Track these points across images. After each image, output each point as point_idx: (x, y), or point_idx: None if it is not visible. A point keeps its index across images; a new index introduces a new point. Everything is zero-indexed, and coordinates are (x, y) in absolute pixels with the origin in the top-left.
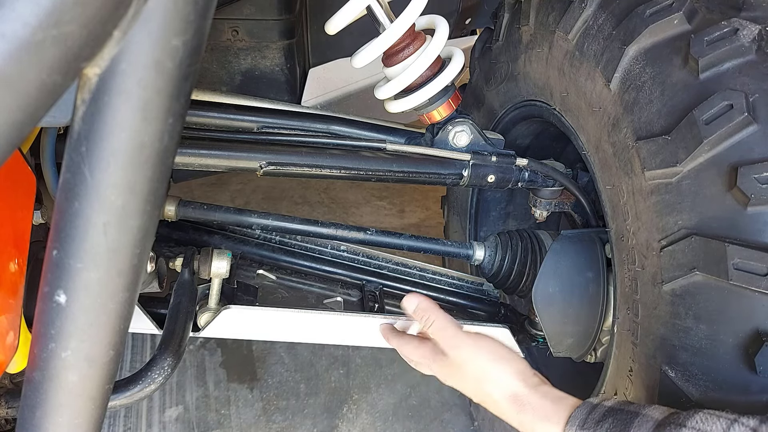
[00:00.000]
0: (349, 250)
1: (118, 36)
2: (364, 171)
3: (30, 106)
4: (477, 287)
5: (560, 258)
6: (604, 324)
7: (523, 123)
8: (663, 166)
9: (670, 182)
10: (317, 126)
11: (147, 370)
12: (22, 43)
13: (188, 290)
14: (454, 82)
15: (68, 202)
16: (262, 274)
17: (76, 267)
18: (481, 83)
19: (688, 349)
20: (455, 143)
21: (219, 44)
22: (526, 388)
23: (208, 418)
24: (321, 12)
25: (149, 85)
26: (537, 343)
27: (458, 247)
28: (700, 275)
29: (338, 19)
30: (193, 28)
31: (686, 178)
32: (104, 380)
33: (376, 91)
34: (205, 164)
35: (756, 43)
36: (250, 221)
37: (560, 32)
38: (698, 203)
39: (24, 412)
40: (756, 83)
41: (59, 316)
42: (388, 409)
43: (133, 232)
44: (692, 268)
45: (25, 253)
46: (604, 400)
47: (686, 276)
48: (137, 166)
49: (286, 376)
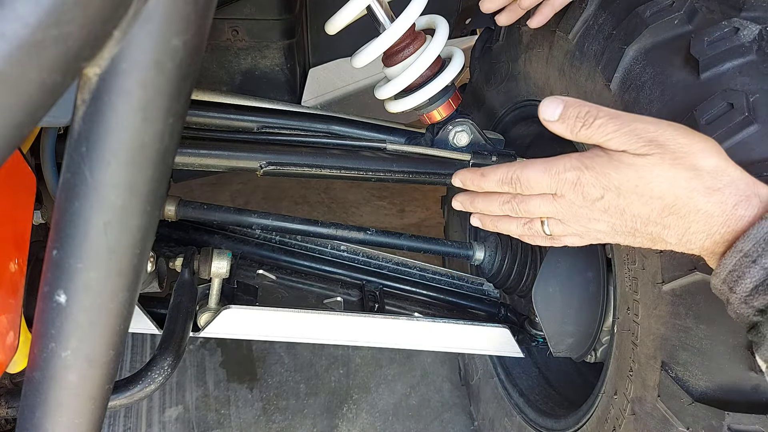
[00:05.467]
0: (349, 250)
1: (118, 36)
2: (364, 171)
3: (30, 106)
4: (477, 287)
5: (560, 258)
6: (604, 324)
7: (524, 123)
8: None
9: None
10: (317, 126)
11: (147, 370)
12: (22, 43)
13: (188, 290)
14: (454, 82)
15: (68, 202)
16: (262, 274)
17: (76, 267)
18: (481, 83)
19: (688, 349)
20: (455, 143)
21: (219, 44)
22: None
23: (208, 418)
24: (321, 12)
25: (149, 85)
26: (537, 343)
27: (458, 247)
28: (700, 275)
29: (338, 19)
30: (193, 28)
31: None
32: (104, 380)
33: (376, 91)
34: (205, 164)
35: (756, 43)
36: (250, 221)
37: (560, 32)
38: None
39: (24, 412)
40: (756, 83)
41: (59, 316)
42: (388, 409)
43: (133, 232)
44: (692, 268)
45: (25, 253)
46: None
47: (686, 276)
48: (137, 166)
49: (286, 376)
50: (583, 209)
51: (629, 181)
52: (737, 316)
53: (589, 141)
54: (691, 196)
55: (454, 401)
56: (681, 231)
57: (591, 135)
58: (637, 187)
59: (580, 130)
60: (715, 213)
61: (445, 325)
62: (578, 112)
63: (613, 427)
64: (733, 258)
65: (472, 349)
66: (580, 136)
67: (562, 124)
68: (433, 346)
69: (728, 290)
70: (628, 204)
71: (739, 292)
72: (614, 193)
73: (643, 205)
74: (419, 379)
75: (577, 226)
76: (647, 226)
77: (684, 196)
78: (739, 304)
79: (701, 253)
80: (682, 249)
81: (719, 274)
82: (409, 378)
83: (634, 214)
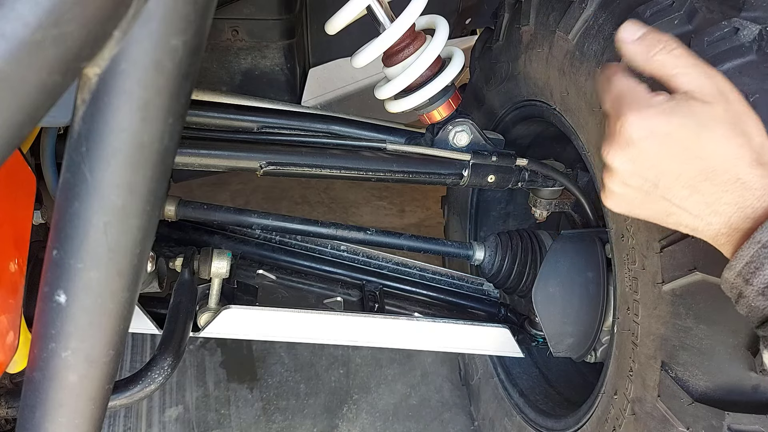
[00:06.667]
0: (349, 250)
1: (118, 36)
2: (364, 171)
3: (30, 106)
4: (477, 287)
5: (560, 258)
6: (604, 324)
7: (524, 123)
8: None
9: None
10: (317, 126)
11: (147, 370)
12: (22, 43)
13: (188, 290)
14: (454, 82)
15: (68, 202)
16: (262, 274)
17: (76, 267)
18: (481, 83)
19: (688, 349)
20: (455, 143)
21: (219, 44)
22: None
23: (208, 418)
24: (321, 12)
25: (149, 85)
26: (537, 343)
27: (458, 247)
28: (700, 275)
29: (338, 19)
30: (193, 28)
31: None
32: (104, 380)
33: (376, 92)
34: (205, 164)
35: (756, 43)
36: (250, 221)
37: (560, 32)
38: None
39: (24, 412)
40: (756, 83)
41: (59, 316)
42: (388, 409)
43: (133, 232)
44: (692, 268)
45: (25, 253)
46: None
47: (686, 276)
48: (137, 166)
49: (286, 376)
50: (616, 142)
51: (687, 130)
52: (750, 310)
53: (659, 71)
54: (736, 164)
55: (454, 401)
56: (712, 198)
57: (667, 62)
58: (690, 140)
59: (658, 53)
60: (755, 185)
61: (445, 325)
62: (660, 37)
63: (613, 427)
64: (751, 249)
65: (472, 349)
66: (654, 61)
67: (641, 44)
68: (433, 346)
69: (743, 282)
70: (666, 156)
71: (756, 284)
72: (658, 140)
73: (682, 162)
74: (419, 379)
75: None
76: (672, 188)
77: (730, 161)
78: (756, 296)
79: (719, 233)
80: (699, 225)
81: (734, 266)
82: (409, 378)
83: (666, 169)
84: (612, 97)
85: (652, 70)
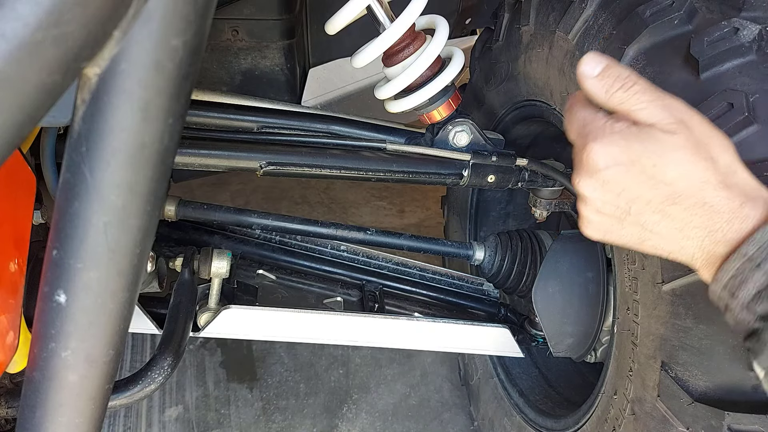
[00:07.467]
0: (349, 250)
1: (118, 36)
2: (364, 171)
3: (30, 106)
4: (477, 287)
5: (560, 258)
6: (604, 324)
7: (524, 123)
8: None
9: None
10: (317, 126)
11: (147, 370)
12: (22, 43)
13: (188, 290)
14: (454, 82)
15: (68, 202)
16: (262, 274)
17: (76, 267)
18: (481, 83)
19: (688, 349)
20: (455, 143)
21: (219, 44)
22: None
23: (208, 417)
24: (321, 12)
25: (149, 85)
26: (537, 343)
27: (458, 247)
28: (699, 275)
29: (338, 19)
30: (193, 28)
31: None
32: (104, 380)
33: (376, 92)
34: (205, 164)
35: (756, 43)
36: (250, 221)
37: (560, 32)
38: None
39: (24, 412)
40: (756, 83)
41: (59, 316)
42: (388, 409)
43: (133, 232)
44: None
45: (25, 253)
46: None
47: (686, 276)
48: (137, 166)
49: (286, 376)
50: (584, 171)
51: (650, 157)
52: (736, 322)
53: (619, 106)
54: (702, 188)
55: (453, 401)
56: (681, 224)
57: (625, 99)
58: (655, 166)
59: (616, 91)
60: (722, 209)
61: (445, 325)
62: (619, 73)
63: (613, 427)
64: (737, 262)
65: (472, 349)
66: (613, 98)
67: (600, 81)
68: (433, 346)
69: (729, 296)
70: (633, 183)
71: (741, 298)
72: (623, 167)
73: (649, 188)
74: (419, 379)
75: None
76: (643, 213)
77: (696, 186)
78: (741, 310)
79: (693, 257)
80: (674, 249)
81: (720, 279)
82: (409, 378)
83: (635, 195)
84: (576, 127)
85: (612, 107)
